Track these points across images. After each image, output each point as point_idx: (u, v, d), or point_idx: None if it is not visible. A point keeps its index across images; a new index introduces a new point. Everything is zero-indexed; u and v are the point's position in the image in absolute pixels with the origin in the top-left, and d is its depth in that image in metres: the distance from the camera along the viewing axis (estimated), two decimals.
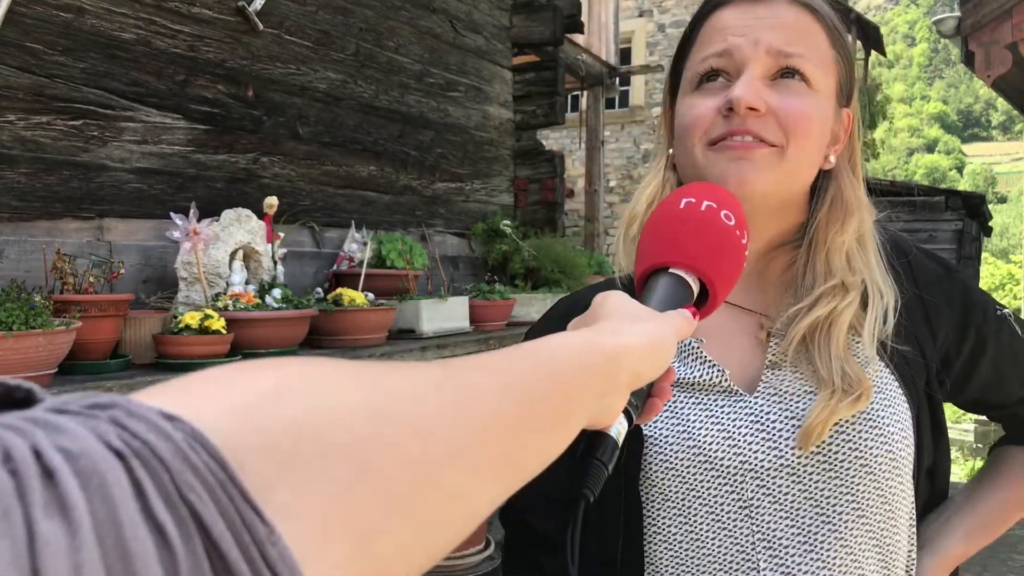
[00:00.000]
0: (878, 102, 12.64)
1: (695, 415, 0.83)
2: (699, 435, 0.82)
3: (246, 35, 3.10)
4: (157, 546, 0.20)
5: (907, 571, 0.86)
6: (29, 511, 0.19)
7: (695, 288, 0.61)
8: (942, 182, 45.34)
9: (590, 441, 0.52)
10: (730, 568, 0.81)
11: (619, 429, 0.53)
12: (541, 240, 4.49)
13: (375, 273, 3.34)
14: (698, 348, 0.86)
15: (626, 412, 0.52)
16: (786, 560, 0.79)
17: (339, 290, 2.96)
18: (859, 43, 13.31)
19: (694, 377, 0.85)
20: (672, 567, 0.83)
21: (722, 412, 0.83)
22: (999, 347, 0.91)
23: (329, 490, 0.26)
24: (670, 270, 0.61)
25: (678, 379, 0.85)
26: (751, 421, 0.82)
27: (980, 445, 7.56)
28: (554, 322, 0.91)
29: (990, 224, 15.17)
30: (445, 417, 0.33)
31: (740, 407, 0.83)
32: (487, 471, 0.34)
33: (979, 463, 6.97)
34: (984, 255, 19.44)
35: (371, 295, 3.09)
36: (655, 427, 0.84)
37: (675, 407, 0.84)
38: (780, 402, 0.82)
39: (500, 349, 0.42)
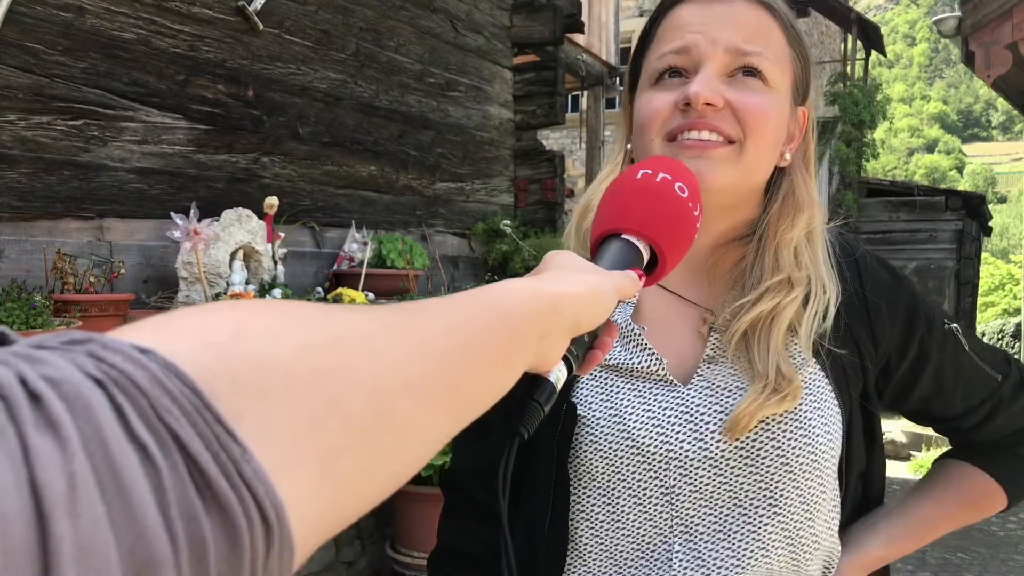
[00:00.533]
0: (878, 102, 12.63)
1: (629, 401, 0.85)
2: (630, 421, 0.84)
3: (246, 35, 3.10)
4: (141, 461, 0.22)
5: (825, 570, 0.88)
6: (22, 429, 0.20)
7: (645, 255, 0.64)
8: (942, 182, 45.31)
9: (530, 383, 0.55)
10: (647, 550, 0.84)
11: (558, 375, 0.55)
12: (541, 240, 4.49)
13: (375, 273, 3.34)
14: (640, 335, 0.87)
15: (566, 359, 0.55)
16: (699, 546, 0.82)
17: (339, 290, 2.96)
18: (859, 43, 13.31)
19: (633, 364, 0.87)
20: (592, 544, 0.86)
21: (655, 401, 0.85)
22: (942, 360, 0.92)
23: (294, 417, 0.28)
24: (622, 236, 0.64)
25: (617, 364, 0.87)
26: (681, 412, 0.84)
27: None
28: None
29: (990, 224, 15.17)
30: (398, 352, 0.35)
31: (673, 397, 0.85)
32: (436, 403, 0.37)
33: None
34: (984, 255, 19.44)
35: (371, 295, 3.09)
36: (589, 409, 0.86)
37: (610, 392, 0.86)
38: (711, 395, 0.84)
39: (448, 295, 0.44)
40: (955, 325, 0.94)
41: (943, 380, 0.93)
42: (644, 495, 0.84)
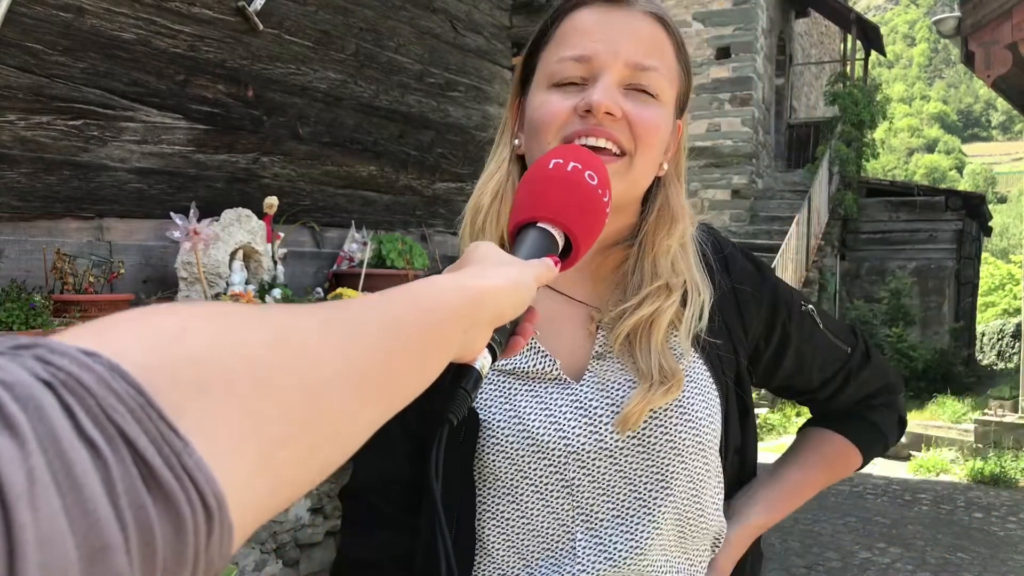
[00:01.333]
0: (878, 102, 12.63)
1: (526, 402, 0.89)
2: (529, 421, 0.88)
3: (246, 35, 3.11)
4: (91, 456, 0.24)
5: (715, 542, 0.95)
6: None
7: (560, 241, 0.68)
8: (942, 182, 45.24)
9: (457, 372, 0.57)
10: (551, 542, 0.89)
11: (483, 363, 0.58)
12: None
13: (375, 273, 3.34)
14: (534, 340, 0.91)
15: (490, 347, 0.58)
16: (600, 533, 0.88)
17: (339, 290, 2.96)
18: (859, 43, 13.31)
19: (529, 367, 0.91)
20: (500, 543, 0.90)
21: (551, 399, 0.89)
22: (801, 340, 1.01)
23: (234, 410, 0.30)
24: (537, 224, 0.67)
25: (514, 369, 0.91)
26: (575, 408, 0.88)
27: (980, 445, 7.54)
28: None
29: (990, 224, 15.17)
30: (332, 346, 0.37)
31: (567, 394, 0.89)
32: (368, 394, 0.39)
33: (979, 463, 6.96)
34: (984, 255, 19.42)
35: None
36: (490, 414, 0.90)
37: (508, 395, 0.90)
38: (602, 390, 0.89)
39: (379, 291, 0.47)
40: (811, 306, 1.03)
41: (803, 358, 1.02)
42: (546, 490, 0.88)
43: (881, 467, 7.09)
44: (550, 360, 0.90)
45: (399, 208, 3.95)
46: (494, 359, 0.59)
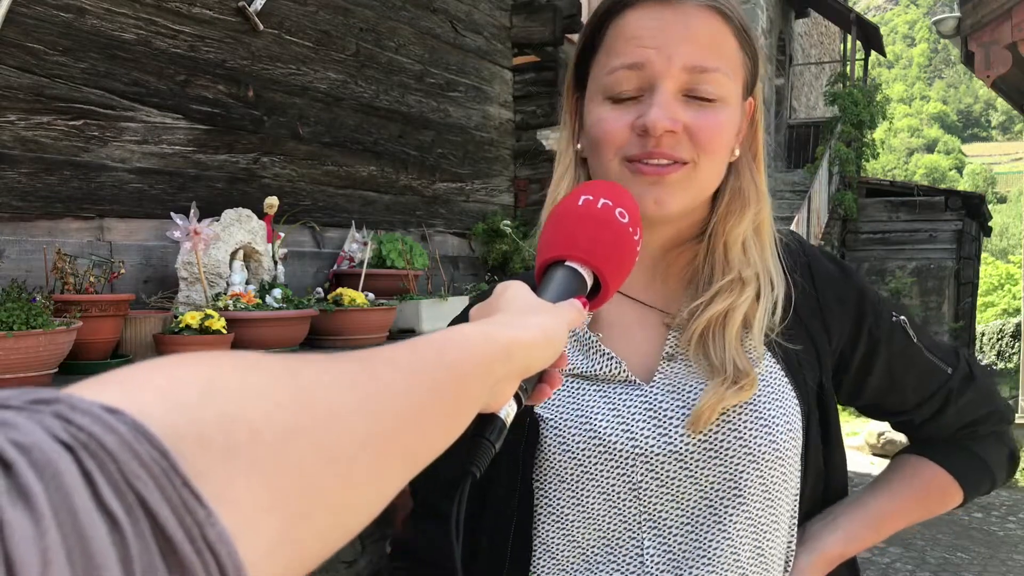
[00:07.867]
0: (878, 102, 12.63)
1: (594, 403, 0.87)
2: (596, 421, 0.85)
3: (246, 35, 3.11)
4: (109, 530, 0.22)
5: (785, 565, 0.88)
6: None
7: (589, 280, 0.66)
8: (942, 182, 45.25)
9: (480, 422, 0.55)
10: (617, 546, 0.85)
11: (508, 411, 0.56)
12: None
13: (375, 273, 3.34)
14: (597, 342, 0.89)
15: (516, 396, 0.56)
16: (669, 540, 0.84)
17: (339, 290, 2.96)
18: (859, 43, 13.32)
19: (595, 370, 0.88)
20: (563, 544, 0.87)
21: (619, 400, 0.86)
22: (891, 352, 0.93)
23: (258, 478, 0.29)
24: (566, 263, 0.65)
25: (581, 371, 0.89)
26: (645, 409, 0.85)
27: None
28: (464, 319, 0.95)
29: (990, 224, 15.16)
30: (359, 411, 0.36)
31: (636, 395, 0.86)
32: (395, 457, 0.38)
33: None
34: (984, 255, 19.42)
35: (371, 295, 3.09)
36: (556, 412, 0.87)
37: (577, 396, 0.88)
38: (673, 391, 0.86)
39: (405, 341, 0.45)
40: (903, 317, 0.95)
41: (894, 372, 0.94)
42: (612, 491, 0.85)
43: (880, 466, 7.10)
44: (617, 362, 0.87)
45: (399, 208, 3.95)
46: (520, 406, 0.57)
